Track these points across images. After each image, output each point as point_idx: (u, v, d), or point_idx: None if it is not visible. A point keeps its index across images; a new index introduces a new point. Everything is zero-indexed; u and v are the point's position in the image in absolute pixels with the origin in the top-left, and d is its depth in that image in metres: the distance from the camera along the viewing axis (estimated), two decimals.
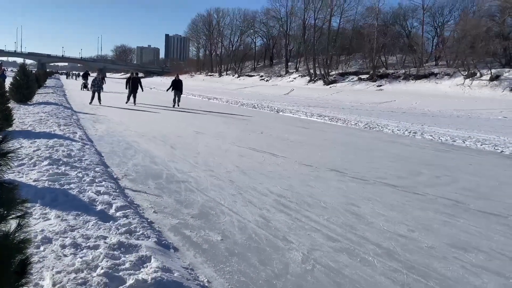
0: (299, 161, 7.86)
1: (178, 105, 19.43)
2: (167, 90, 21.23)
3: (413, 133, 13.90)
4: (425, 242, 4.08)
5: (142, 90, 20.74)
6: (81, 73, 40.57)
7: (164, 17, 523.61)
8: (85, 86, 30.95)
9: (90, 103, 18.20)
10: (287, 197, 5.41)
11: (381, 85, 49.60)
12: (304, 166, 7.54)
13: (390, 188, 6.26)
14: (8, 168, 1.87)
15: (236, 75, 79.40)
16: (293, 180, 6.39)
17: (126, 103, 19.50)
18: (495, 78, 37.80)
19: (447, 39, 51.41)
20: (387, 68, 54.32)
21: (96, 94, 18.52)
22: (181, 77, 22.62)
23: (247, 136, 11.15)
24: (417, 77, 46.74)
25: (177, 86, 19.96)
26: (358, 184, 6.38)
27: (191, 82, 76.19)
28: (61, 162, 5.96)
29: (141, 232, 3.70)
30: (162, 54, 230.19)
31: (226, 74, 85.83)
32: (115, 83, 50.38)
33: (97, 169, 5.90)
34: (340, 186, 6.18)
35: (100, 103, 18.09)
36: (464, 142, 12.08)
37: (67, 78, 75.04)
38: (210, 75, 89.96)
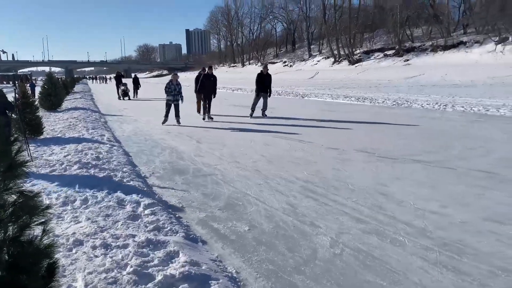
0: (326, 145, 7.77)
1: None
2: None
3: (444, 106, 13.48)
4: (458, 218, 3.95)
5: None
6: (113, 76, 29.77)
7: (183, 13, 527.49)
8: (125, 94, 23.21)
9: (164, 122, 11.47)
10: (314, 182, 5.36)
11: (408, 60, 48.29)
12: (331, 149, 7.45)
13: (420, 164, 6.10)
14: (26, 177, 1.91)
15: (259, 64, 79.11)
16: (320, 164, 6.33)
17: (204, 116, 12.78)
18: None
19: (474, 5, 49.27)
20: (413, 42, 52.74)
21: (173, 107, 11.43)
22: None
23: (272, 124, 11.10)
24: (445, 47, 45.20)
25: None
26: (386, 164, 6.25)
27: (215, 74, 76.23)
28: (90, 165, 6.12)
29: (169, 228, 3.75)
30: (184, 50, 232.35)
31: (249, 64, 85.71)
32: (145, 83, 51.21)
33: (125, 169, 6.03)
34: (368, 167, 6.07)
35: (179, 122, 11.43)
36: (498, 111, 11.62)
37: (92, 82, 77.01)
38: (233, 66, 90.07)
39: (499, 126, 9.37)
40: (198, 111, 13.84)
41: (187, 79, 29.19)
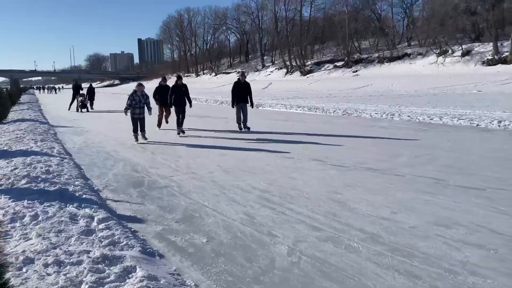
0: (281, 155, 7.90)
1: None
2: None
3: (391, 115, 14.09)
4: (408, 223, 4.15)
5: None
6: (71, 85, 26.68)
7: (135, 22, 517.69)
8: (83, 105, 21.61)
9: (137, 139, 10.25)
10: (270, 191, 5.43)
11: (356, 71, 50.05)
12: (286, 158, 7.58)
13: (371, 172, 6.34)
14: None
15: (213, 74, 79.14)
16: (276, 174, 6.42)
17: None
18: (466, 53, 38.56)
19: (417, 19, 52.10)
20: (361, 53, 54.84)
21: (138, 122, 10.23)
22: (157, 80, 15.80)
23: (227, 134, 11.14)
24: (391, 59, 47.34)
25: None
26: (339, 172, 6.45)
27: (169, 84, 75.39)
28: (39, 179, 5.86)
29: (124, 242, 3.67)
30: (136, 59, 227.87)
31: (203, 74, 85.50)
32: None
33: (76, 182, 5.82)
34: (321, 176, 6.23)
35: (145, 137, 10.32)
36: (441, 119, 12.30)
37: (40, 92, 73.82)
38: (187, 76, 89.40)
39: (442, 134, 9.93)
40: (159, 125, 12.82)
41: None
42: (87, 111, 21.51)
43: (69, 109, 21.96)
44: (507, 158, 7.00)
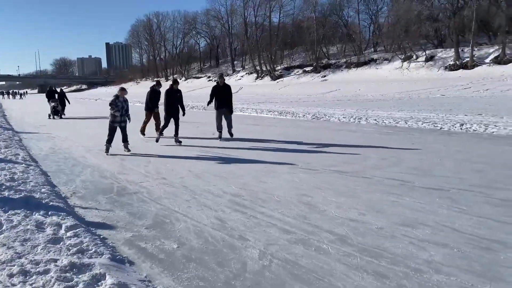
0: (252, 158, 7.94)
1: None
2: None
3: (358, 119, 14.40)
4: (376, 224, 4.26)
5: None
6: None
7: (103, 26, 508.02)
8: (56, 111, 20.41)
9: (108, 150, 9.01)
10: (241, 195, 5.46)
11: (325, 76, 50.83)
12: (257, 162, 7.63)
13: (339, 175, 6.47)
14: None
15: (183, 78, 78.52)
16: (247, 177, 6.45)
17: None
18: (430, 59, 39.89)
19: (383, 26, 53.50)
20: (329, 59, 55.77)
21: (119, 130, 9.10)
22: (126, 85, 14.70)
23: (198, 139, 11.09)
24: (358, 64, 48.35)
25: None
26: (309, 175, 6.55)
27: (138, 89, 74.61)
28: (3, 187, 5.68)
29: (93, 250, 3.61)
30: (104, 64, 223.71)
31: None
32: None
33: (43, 190, 5.67)
34: (292, 179, 6.31)
35: (128, 149, 9.17)
36: (407, 123, 12.67)
37: (3, 97, 71.22)
38: (157, 81, 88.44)
39: (408, 137, 10.23)
40: (143, 131, 11.79)
41: (109, 94, 28.01)
42: (60, 117, 20.26)
43: (49, 117, 20.29)
44: (469, 160, 7.29)
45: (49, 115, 20.35)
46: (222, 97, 10.64)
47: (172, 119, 10.17)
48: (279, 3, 63.58)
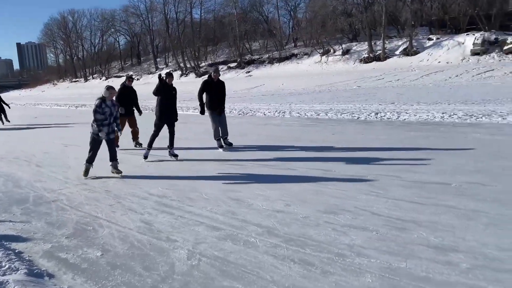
0: (179, 157, 7.80)
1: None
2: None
3: (283, 113, 14.75)
4: (301, 213, 4.40)
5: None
6: None
7: (13, 25, 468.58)
8: None
9: (87, 172, 6.79)
10: (169, 196, 5.36)
11: (249, 71, 51.32)
12: (184, 161, 7.53)
13: (266, 168, 6.60)
14: None
15: (104, 78, 74.99)
16: (173, 178, 6.34)
17: None
18: (346, 52, 41.89)
19: (301, 21, 55.14)
20: (252, 54, 56.39)
21: (106, 145, 6.87)
22: (42, 87, 13.22)
23: (121, 141, 10.65)
24: (280, 59, 49.42)
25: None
26: (237, 170, 6.60)
27: (55, 91, 70.44)
28: None
29: (7, 266, 3.35)
30: (16, 65, 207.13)
31: (93, 78, 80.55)
32: None
33: None
34: (220, 175, 6.33)
35: (119, 170, 6.84)
36: (327, 114, 13.21)
37: None
38: (75, 81, 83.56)
39: (329, 128, 10.68)
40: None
41: (22, 98, 26.01)
42: (3, 123, 17.32)
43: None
44: (384, 147, 7.78)
45: None
46: (217, 95, 8.64)
47: (166, 126, 7.89)
48: None
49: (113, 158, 6.83)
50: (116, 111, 6.78)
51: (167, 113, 7.87)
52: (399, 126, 10.26)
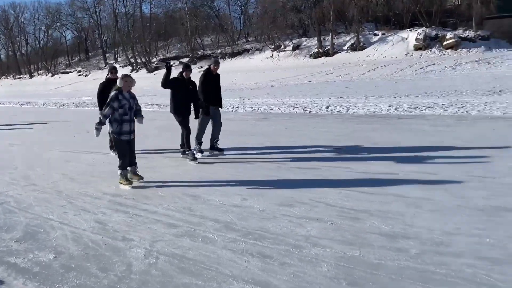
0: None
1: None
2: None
3: (236, 107, 14.80)
4: (258, 207, 4.47)
5: None
6: None
7: None
8: None
9: (128, 182, 5.67)
10: (123, 194, 5.25)
11: (202, 67, 50.75)
12: (138, 158, 7.34)
13: (222, 163, 6.62)
14: None
15: (50, 74, 71.52)
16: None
17: None
18: (296, 47, 42.51)
19: (252, 16, 55.30)
20: (205, 50, 55.94)
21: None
22: None
23: (71, 138, 10.28)
24: (232, 55, 49.36)
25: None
26: (193, 166, 6.57)
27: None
28: None
29: None
30: None
31: (38, 75, 76.58)
32: None
33: None
34: (176, 172, 6.28)
35: (140, 177, 5.85)
36: (280, 109, 13.41)
37: None
38: (19, 78, 79.08)
39: (281, 122, 10.85)
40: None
41: None
42: None
43: None
44: (335, 139, 8.02)
45: None
46: (215, 92, 7.61)
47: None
48: None
49: (132, 162, 5.86)
50: (135, 104, 5.72)
51: (187, 107, 7.11)
52: (349, 119, 10.61)
